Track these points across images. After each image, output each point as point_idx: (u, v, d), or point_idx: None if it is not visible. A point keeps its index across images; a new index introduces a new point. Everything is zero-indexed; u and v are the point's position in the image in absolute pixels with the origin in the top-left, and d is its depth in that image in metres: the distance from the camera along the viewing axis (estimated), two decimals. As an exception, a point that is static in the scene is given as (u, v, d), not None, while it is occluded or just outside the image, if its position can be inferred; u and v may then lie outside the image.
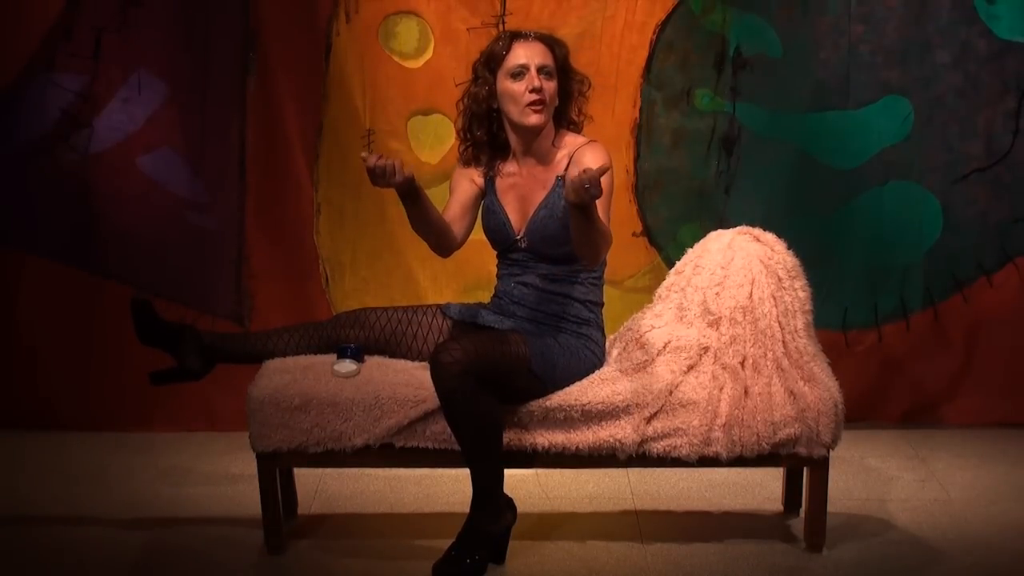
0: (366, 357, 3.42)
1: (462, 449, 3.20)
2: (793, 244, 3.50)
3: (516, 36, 3.35)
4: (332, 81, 4.22)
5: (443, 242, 3.38)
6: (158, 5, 4.13)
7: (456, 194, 3.45)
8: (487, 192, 3.43)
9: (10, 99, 4.17)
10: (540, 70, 3.28)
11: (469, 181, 3.45)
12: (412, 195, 3.19)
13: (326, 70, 4.21)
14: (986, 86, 4.18)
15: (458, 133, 3.46)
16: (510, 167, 3.41)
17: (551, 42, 3.35)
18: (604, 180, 3.13)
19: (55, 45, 4.13)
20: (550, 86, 3.30)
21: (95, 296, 4.28)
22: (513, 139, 3.38)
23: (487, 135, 3.40)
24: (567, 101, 3.39)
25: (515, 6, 4.15)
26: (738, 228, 3.53)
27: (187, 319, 4.04)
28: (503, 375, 3.19)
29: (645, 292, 4.01)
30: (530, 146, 3.36)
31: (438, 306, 3.52)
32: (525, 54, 3.29)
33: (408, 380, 3.31)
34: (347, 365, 3.34)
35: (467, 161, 3.46)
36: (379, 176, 3.08)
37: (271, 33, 4.17)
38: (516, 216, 3.39)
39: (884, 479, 3.91)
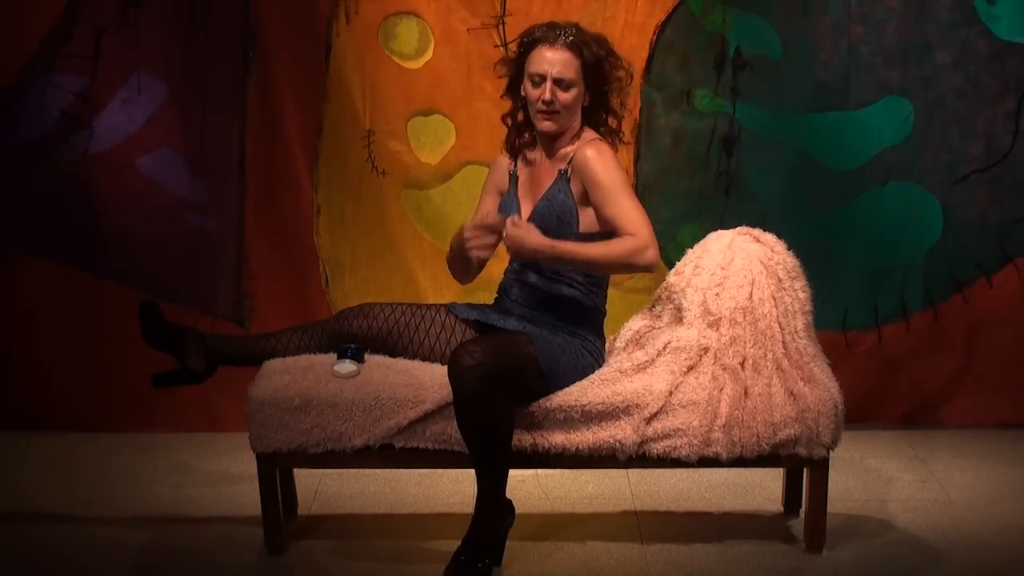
0: (366, 357, 3.42)
1: (472, 452, 3.19)
2: (793, 245, 3.49)
3: (545, 38, 3.30)
4: (332, 82, 4.22)
5: (470, 274, 3.48)
6: (158, 5, 4.13)
7: (481, 213, 3.48)
8: (508, 191, 3.46)
9: (10, 100, 4.17)
10: (557, 82, 3.27)
11: (495, 196, 3.48)
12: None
13: (326, 70, 4.21)
14: (986, 87, 4.18)
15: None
16: (534, 155, 3.44)
17: (581, 47, 3.29)
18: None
19: (55, 46, 4.13)
20: (566, 96, 3.28)
21: (95, 296, 4.28)
22: (537, 130, 3.40)
23: (521, 112, 3.41)
24: (601, 98, 3.36)
25: (515, 6, 4.15)
26: (738, 229, 3.53)
27: (187, 319, 4.04)
28: (517, 376, 3.19)
29: (645, 293, 4.01)
30: (549, 141, 3.39)
31: (444, 305, 3.52)
32: (546, 61, 3.27)
33: (408, 381, 3.31)
34: (347, 366, 3.34)
35: (508, 139, 3.47)
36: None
37: (271, 33, 4.18)
38: (526, 207, 3.40)
39: (884, 480, 3.91)
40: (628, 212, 3.25)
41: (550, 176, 3.38)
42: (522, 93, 3.36)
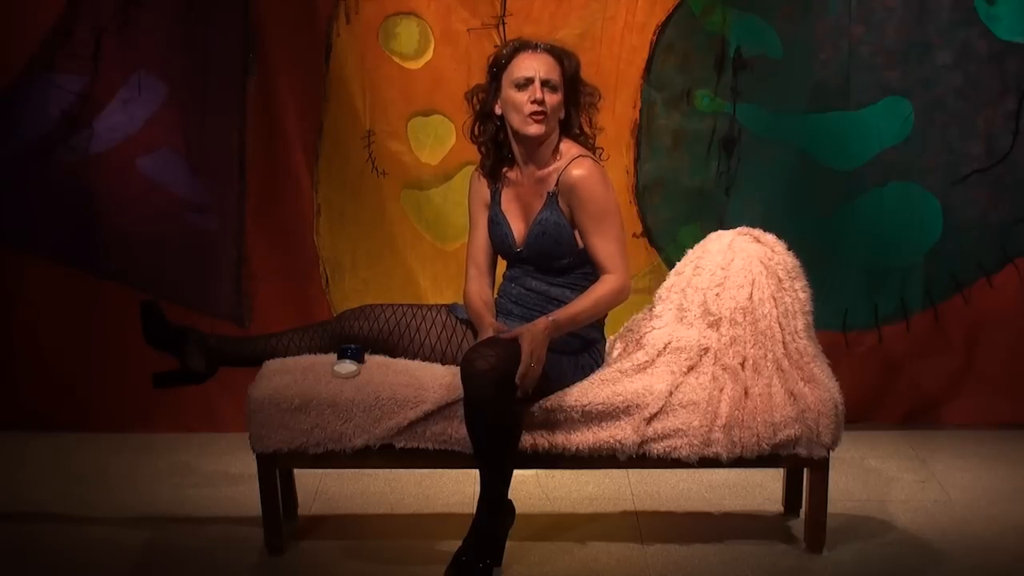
0: (366, 357, 3.42)
1: (480, 453, 3.18)
2: (793, 245, 3.49)
3: (525, 46, 3.34)
4: (332, 82, 4.22)
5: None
6: (158, 5, 4.13)
7: (478, 233, 3.50)
8: (492, 205, 3.45)
9: (10, 100, 4.17)
10: (544, 83, 3.29)
11: (484, 210, 3.48)
12: None
13: (326, 71, 4.21)
14: (986, 87, 4.18)
15: (470, 137, 3.47)
16: (513, 174, 3.43)
17: (560, 54, 3.34)
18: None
19: (55, 46, 4.13)
20: (553, 99, 3.30)
21: (95, 297, 4.29)
22: (516, 147, 3.39)
23: (493, 140, 3.41)
24: (574, 112, 3.38)
25: (515, 7, 4.15)
26: (738, 229, 3.53)
27: (187, 320, 4.04)
28: None
29: (645, 293, 4.00)
30: (532, 154, 3.37)
31: (445, 306, 3.52)
32: (531, 65, 3.30)
33: (408, 381, 3.31)
34: (347, 366, 3.34)
35: (482, 166, 3.47)
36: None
37: (271, 33, 4.18)
38: (518, 227, 3.40)
39: (884, 480, 3.91)
40: (609, 246, 3.30)
41: (538, 197, 3.37)
42: (497, 112, 3.36)
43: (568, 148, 3.36)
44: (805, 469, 3.38)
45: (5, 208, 4.24)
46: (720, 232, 3.54)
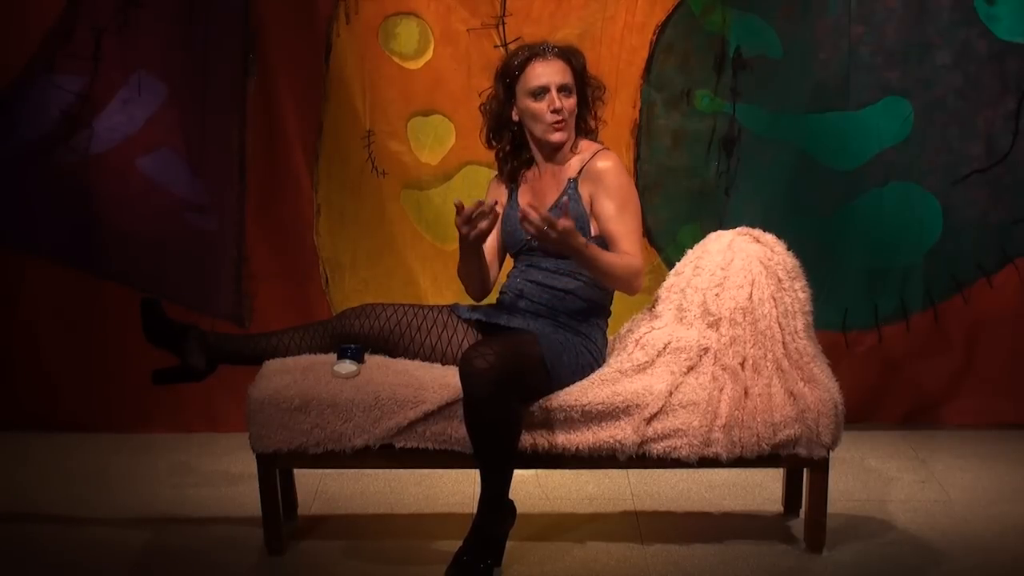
0: (366, 357, 3.42)
1: (480, 453, 3.18)
2: (793, 245, 3.50)
3: (535, 53, 3.36)
4: (332, 82, 4.22)
5: (484, 285, 3.46)
6: (158, 5, 4.14)
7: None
8: (508, 204, 3.48)
9: (10, 100, 4.17)
10: (560, 89, 3.32)
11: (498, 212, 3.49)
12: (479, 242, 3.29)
13: (326, 71, 4.21)
14: (986, 87, 4.18)
15: (486, 143, 3.50)
16: (531, 173, 3.48)
17: (569, 56, 3.37)
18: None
19: (55, 46, 4.14)
20: (570, 103, 3.35)
21: (95, 297, 4.29)
22: (535, 149, 3.44)
23: (511, 144, 3.45)
24: (584, 108, 3.42)
25: (515, 7, 4.16)
26: (738, 229, 3.53)
27: (187, 319, 4.04)
28: (523, 376, 3.19)
29: (645, 293, 4.00)
30: (553, 155, 3.42)
31: (446, 306, 3.53)
32: (545, 73, 3.33)
33: (408, 381, 3.31)
34: (347, 366, 3.34)
35: (500, 172, 3.51)
36: (469, 220, 3.17)
37: (271, 34, 4.18)
38: None
39: (884, 480, 3.92)
40: (632, 234, 3.32)
41: (556, 185, 3.40)
42: (514, 119, 3.40)
43: (589, 145, 3.42)
44: (805, 469, 3.38)
45: (5, 208, 4.24)
46: (720, 232, 3.54)
